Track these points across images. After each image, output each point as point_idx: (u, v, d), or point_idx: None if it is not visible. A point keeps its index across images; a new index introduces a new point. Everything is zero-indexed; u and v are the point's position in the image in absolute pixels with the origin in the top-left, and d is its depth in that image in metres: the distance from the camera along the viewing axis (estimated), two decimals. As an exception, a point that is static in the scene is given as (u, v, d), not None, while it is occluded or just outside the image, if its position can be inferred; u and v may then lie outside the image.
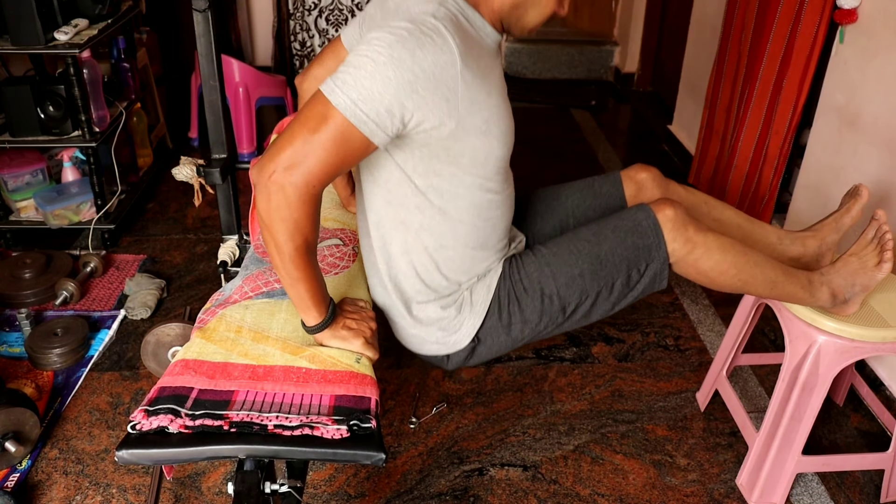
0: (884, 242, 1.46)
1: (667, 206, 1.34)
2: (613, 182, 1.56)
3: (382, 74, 1.04)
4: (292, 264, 1.11)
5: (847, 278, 1.47)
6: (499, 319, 1.36)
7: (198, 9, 1.70)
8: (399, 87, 1.04)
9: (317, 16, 4.04)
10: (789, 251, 1.60)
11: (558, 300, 1.35)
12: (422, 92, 1.06)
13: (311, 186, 1.05)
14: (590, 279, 1.34)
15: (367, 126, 1.05)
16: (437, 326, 1.35)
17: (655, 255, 1.34)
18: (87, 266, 2.38)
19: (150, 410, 1.08)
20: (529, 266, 1.36)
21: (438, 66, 1.07)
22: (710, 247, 1.35)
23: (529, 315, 1.36)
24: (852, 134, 2.09)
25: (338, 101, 1.04)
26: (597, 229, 1.37)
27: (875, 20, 1.98)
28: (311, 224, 1.09)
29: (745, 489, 1.70)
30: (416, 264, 1.30)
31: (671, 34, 3.93)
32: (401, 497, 1.67)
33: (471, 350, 1.38)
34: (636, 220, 1.35)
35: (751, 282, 1.41)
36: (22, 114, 2.37)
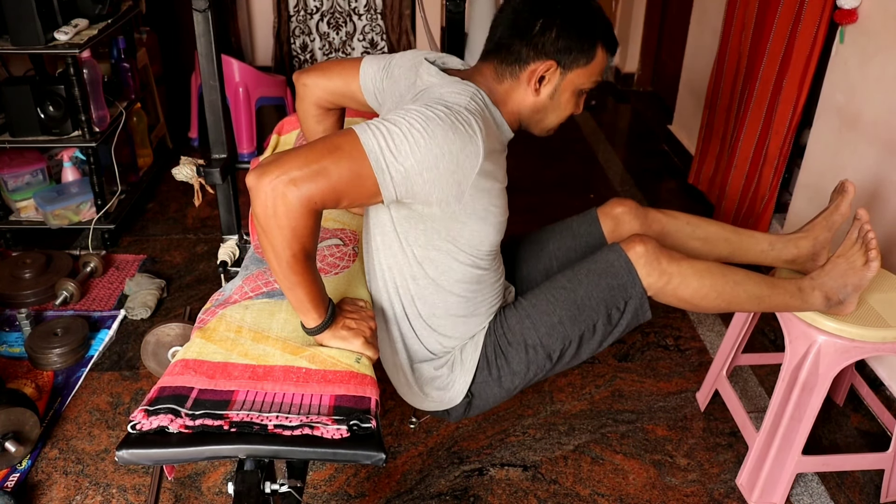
0: (867, 241, 1.46)
1: (636, 242, 1.36)
2: (590, 221, 1.59)
3: (414, 139, 1.07)
4: (290, 270, 1.11)
5: (838, 280, 1.47)
6: (489, 374, 1.39)
7: (198, 9, 1.70)
8: (425, 156, 1.07)
9: (318, 19, 4.04)
10: (783, 255, 1.61)
11: (542, 349, 1.38)
12: (441, 169, 1.10)
13: (313, 203, 1.05)
14: (570, 325, 1.37)
15: (383, 176, 1.07)
16: (431, 386, 1.40)
17: (632, 291, 1.36)
18: (87, 266, 2.38)
19: (151, 410, 1.08)
20: (511, 319, 1.40)
21: (464, 154, 1.11)
22: (685, 275, 1.37)
23: (517, 367, 1.39)
24: (852, 134, 2.09)
25: (367, 141, 1.06)
26: (571, 275, 1.40)
27: (875, 20, 1.98)
28: (310, 235, 1.09)
29: (745, 489, 1.70)
30: (415, 328, 1.36)
31: (671, 34, 3.93)
32: (401, 497, 1.67)
33: (467, 404, 1.42)
34: (608, 261, 1.37)
35: (734, 301, 1.43)
36: (22, 114, 2.38)
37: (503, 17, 1.25)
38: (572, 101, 1.29)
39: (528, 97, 1.26)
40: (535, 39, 1.21)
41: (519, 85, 1.25)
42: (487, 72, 1.27)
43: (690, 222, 1.60)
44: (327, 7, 4.02)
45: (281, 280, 1.13)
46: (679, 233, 1.59)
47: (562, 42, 1.21)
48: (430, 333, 1.36)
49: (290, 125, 1.93)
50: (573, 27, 1.21)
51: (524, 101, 1.27)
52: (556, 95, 1.27)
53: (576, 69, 1.25)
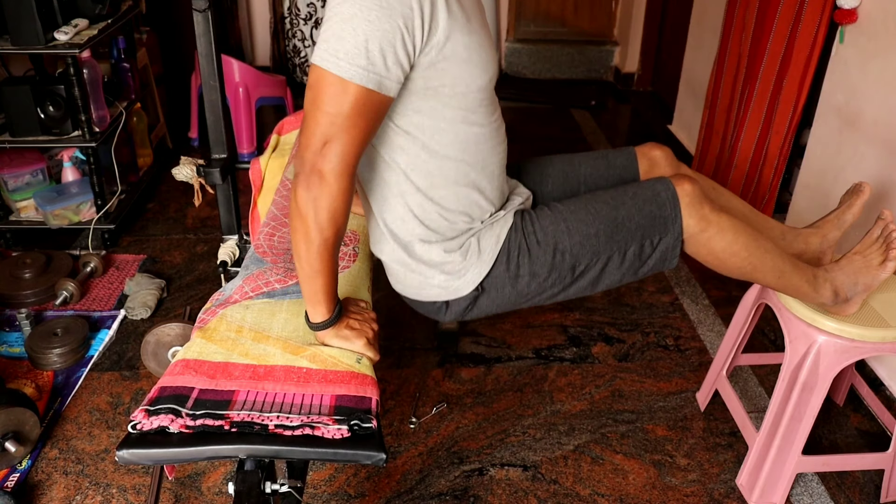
0: (890, 241, 1.46)
1: (686, 181, 1.34)
2: (628, 156, 1.55)
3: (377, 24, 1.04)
4: (318, 256, 1.12)
5: (850, 276, 1.47)
6: (506, 269, 1.34)
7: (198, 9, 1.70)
8: (392, 29, 1.05)
9: (312, 26, 4.01)
10: (792, 247, 1.60)
11: (570, 257, 1.34)
12: (410, 30, 1.07)
13: (348, 166, 1.07)
14: (604, 241, 1.33)
15: (384, 83, 1.07)
16: (439, 269, 1.32)
17: (671, 227, 1.34)
18: (87, 266, 2.38)
19: (151, 410, 1.08)
20: (545, 220, 1.35)
21: None
22: (723, 227, 1.35)
23: (539, 268, 1.34)
24: (852, 134, 2.09)
25: (344, 72, 1.05)
26: (615, 193, 1.36)
27: (875, 20, 1.98)
28: (345, 213, 1.11)
29: (745, 489, 1.70)
30: (413, 206, 1.27)
31: (671, 34, 3.93)
32: (401, 497, 1.67)
33: (473, 299, 1.36)
34: (655, 190, 1.35)
35: (759, 267, 1.41)
36: (22, 114, 2.37)
37: None
38: None
39: None
40: None
41: None
42: None
43: (716, 189, 1.59)
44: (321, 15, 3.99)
45: (304, 267, 1.14)
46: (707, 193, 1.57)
47: None
48: (432, 208, 1.27)
49: (290, 125, 1.93)
50: None
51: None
52: None
53: None
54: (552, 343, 2.19)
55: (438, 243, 1.31)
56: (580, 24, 4.55)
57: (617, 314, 2.34)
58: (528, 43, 4.48)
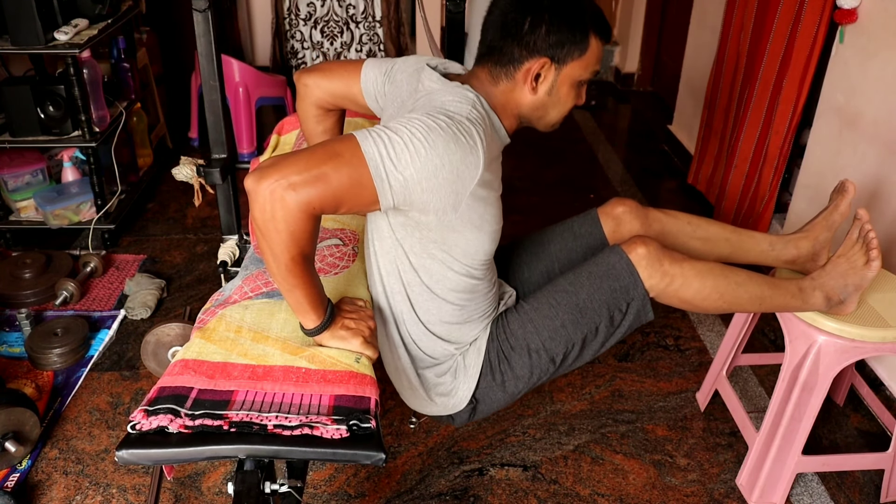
0: (868, 241, 1.46)
1: (638, 244, 1.36)
2: (591, 221, 1.58)
3: (415, 147, 1.06)
4: (288, 273, 1.11)
5: (838, 280, 1.48)
6: (492, 379, 1.39)
7: (198, 9, 1.70)
8: (425, 165, 1.07)
9: (311, 27, 4.01)
10: (783, 255, 1.61)
11: (545, 353, 1.38)
12: (441, 180, 1.09)
13: (312, 207, 1.05)
14: (572, 328, 1.37)
15: (382, 185, 1.07)
16: (435, 392, 1.40)
17: (634, 293, 1.36)
18: (87, 266, 2.38)
19: (150, 410, 1.08)
20: (513, 324, 1.40)
21: (464, 165, 1.10)
22: (687, 276, 1.36)
23: (520, 371, 1.39)
24: (852, 134, 2.09)
25: (368, 149, 1.05)
26: (573, 278, 1.39)
27: (875, 20, 1.98)
28: (309, 239, 1.09)
29: (745, 489, 1.70)
30: (415, 333, 1.35)
31: (671, 34, 3.93)
32: (401, 497, 1.67)
33: (471, 410, 1.42)
34: (609, 263, 1.37)
35: (736, 302, 1.43)
36: (22, 114, 2.37)
37: (492, 20, 1.24)
38: (572, 93, 1.29)
39: (526, 96, 1.26)
40: (526, 38, 1.20)
41: (515, 85, 1.25)
42: (483, 76, 1.26)
43: (691, 222, 1.60)
44: (321, 14, 3.99)
45: (279, 282, 1.13)
46: (680, 233, 1.59)
47: (553, 37, 1.20)
48: (429, 338, 1.36)
49: (290, 125, 1.93)
50: (562, 20, 1.20)
51: (523, 101, 1.26)
52: (555, 91, 1.26)
53: (571, 62, 1.24)
54: (552, 343, 2.19)
55: (431, 368, 1.39)
56: (580, 24, 4.54)
57: (617, 314, 2.34)
58: (528, 43, 4.47)
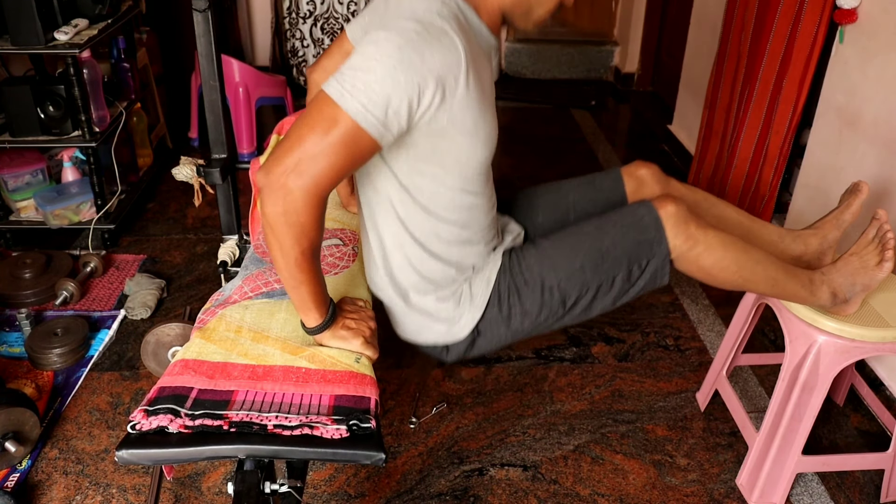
0: (885, 242, 1.46)
1: (669, 202, 1.34)
2: (614, 178, 1.56)
3: (393, 78, 1.03)
4: (297, 268, 1.11)
5: (848, 277, 1.47)
6: (499, 312, 1.36)
7: (198, 9, 1.70)
8: (408, 89, 1.05)
9: (311, 24, 4.01)
10: (791, 249, 1.60)
11: (559, 293, 1.35)
12: (428, 92, 1.07)
13: (320, 189, 1.05)
14: (591, 273, 1.34)
15: (376, 129, 1.05)
16: (434, 318, 1.35)
17: (657, 250, 1.34)
18: (87, 266, 2.38)
19: (150, 410, 1.08)
20: (530, 258, 1.36)
21: (445, 66, 1.07)
22: (711, 244, 1.35)
23: (529, 307, 1.36)
24: (852, 134, 2.09)
25: (348, 105, 1.03)
26: (599, 223, 1.37)
27: (875, 20, 1.98)
28: (316, 228, 1.09)
29: (745, 489, 1.70)
30: (410, 256, 1.30)
31: (671, 34, 3.93)
32: (401, 497, 1.67)
33: (470, 342, 1.38)
34: (638, 215, 1.35)
35: (752, 279, 1.41)
36: (22, 114, 2.37)
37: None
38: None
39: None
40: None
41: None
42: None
43: (708, 199, 1.59)
44: (321, 11, 3.99)
45: (286, 279, 1.13)
46: (696, 207, 1.56)
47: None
48: (428, 259, 1.30)
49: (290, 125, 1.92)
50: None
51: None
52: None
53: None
54: (552, 343, 2.19)
55: (432, 293, 1.34)
56: (580, 24, 4.55)
57: (617, 314, 2.34)
58: (528, 43, 4.48)
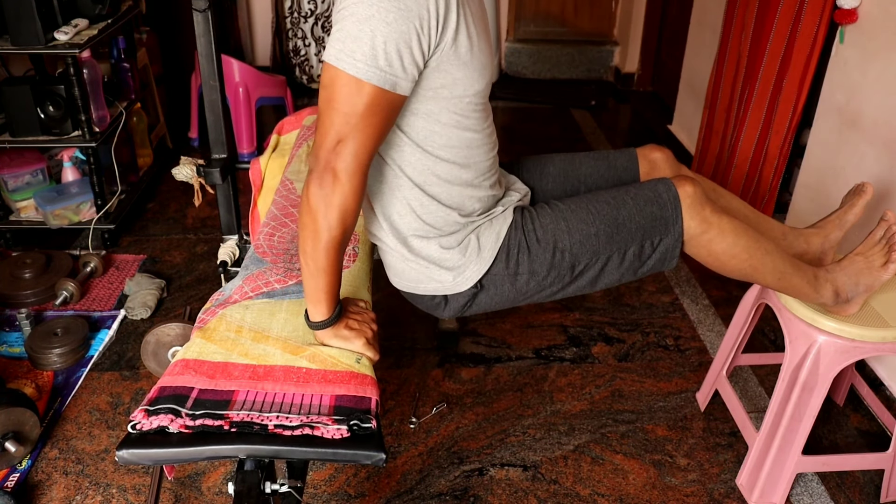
0: (892, 243, 1.46)
1: (688, 183, 1.35)
2: (629, 157, 1.55)
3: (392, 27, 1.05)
4: (324, 254, 1.13)
5: (852, 277, 1.47)
6: (506, 267, 1.34)
7: (198, 9, 1.70)
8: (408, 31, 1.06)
9: (313, 23, 4.01)
10: (793, 247, 1.60)
11: (570, 256, 1.34)
12: (425, 31, 1.08)
13: (362, 165, 1.09)
14: (604, 241, 1.34)
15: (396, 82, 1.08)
16: (437, 266, 1.32)
17: (671, 229, 1.34)
18: (87, 266, 2.38)
19: (151, 410, 1.08)
20: (545, 218, 1.35)
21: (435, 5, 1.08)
22: (724, 229, 1.35)
23: (538, 266, 1.34)
24: (852, 134, 2.09)
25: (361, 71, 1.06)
26: (616, 193, 1.37)
27: (875, 20, 1.98)
28: (354, 212, 1.12)
29: (745, 489, 1.70)
30: (409, 199, 1.28)
31: (671, 34, 3.93)
32: (401, 497, 1.67)
33: (472, 296, 1.36)
34: (657, 191, 1.35)
35: (760, 269, 1.41)
36: (22, 114, 2.37)
37: None
38: None
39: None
40: None
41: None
42: None
43: (716, 189, 1.59)
44: (322, 10, 3.99)
45: (308, 264, 1.14)
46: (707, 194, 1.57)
47: None
48: (428, 202, 1.27)
49: (290, 125, 1.93)
50: None
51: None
52: None
53: None
54: (552, 343, 2.19)
55: (435, 238, 1.31)
56: (580, 24, 4.55)
57: (617, 314, 2.34)
58: (528, 43, 4.48)
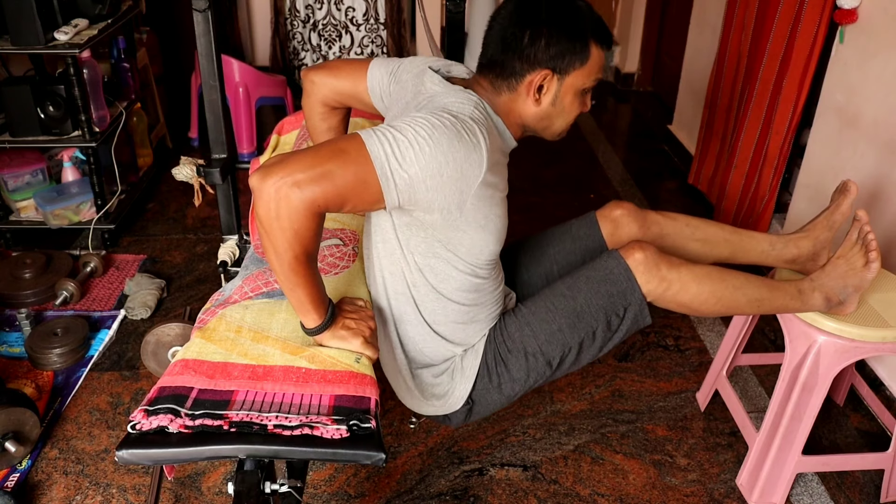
0: (867, 243, 1.47)
1: (636, 249, 1.36)
2: (590, 224, 1.58)
3: (420, 146, 1.07)
4: (291, 271, 1.11)
5: (838, 281, 1.48)
6: (489, 381, 1.39)
7: (198, 9, 1.70)
8: (429, 163, 1.08)
9: (310, 29, 4.01)
10: (784, 255, 1.61)
11: (542, 357, 1.38)
12: (445, 178, 1.10)
13: (317, 206, 1.05)
14: (569, 332, 1.37)
15: (387, 183, 1.07)
16: (431, 392, 1.40)
17: (631, 298, 1.36)
18: (87, 266, 2.38)
19: (150, 410, 1.08)
20: (511, 327, 1.40)
21: (468, 163, 1.11)
22: (684, 281, 1.37)
23: (517, 374, 1.39)
24: (852, 134, 2.09)
25: (373, 147, 1.06)
26: (571, 282, 1.40)
27: (875, 20, 1.98)
28: (312, 237, 1.09)
29: (745, 489, 1.70)
30: (418, 333, 1.35)
31: (671, 34, 3.93)
32: (401, 497, 1.67)
33: (468, 411, 1.42)
34: (607, 268, 1.37)
35: (734, 306, 1.43)
36: (22, 114, 2.37)
37: (492, 35, 1.25)
38: (576, 102, 1.28)
39: (529, 107, 1.26)
40: (527, 51, 1.20)
41: (518, 97, 1.25)
42: (486, 84, 1.27)
43: (690, 224, 1.60)
44: (320, 17, 3.99)
45: (282, 281, 1.13)
46: (678, 235, 1.58)
47: (553, 49, 1.20)
48: (433, 339, 1.35)
49: (290, 125, 1.93)
50: (562, 31, 1.20)
51: (526, 112, 1.26)
52: (558, 101, 1.26)
53: (573, 72, 1.23)
54: (552, 343, 2.19)
55: (428, 368, 1.39)
56: (580, 24, 4.54)
57: (617, 314, 2.34)
58: (528, 43, 4.47)
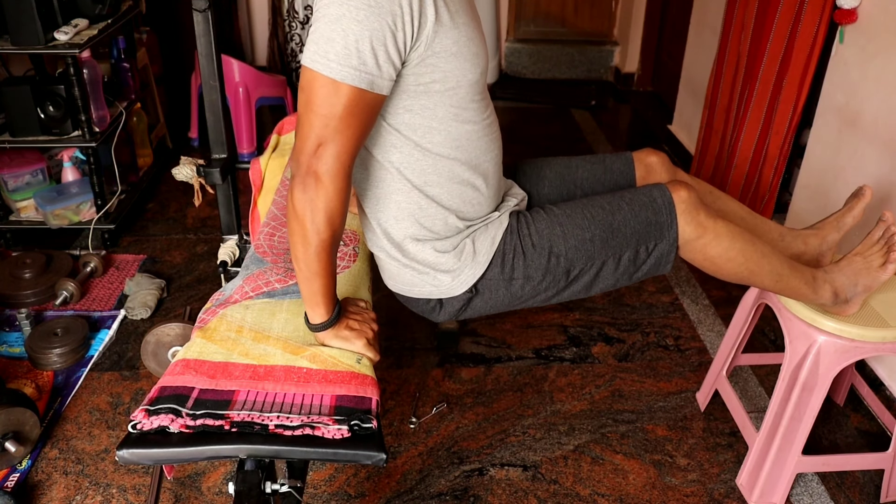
0: (891, 244, 1.46)
1: (682, 188, 1.35)
2: (625, 161, 1.55)
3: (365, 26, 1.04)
4: (316, 258, 1.12)
5: (850, 277, 1.47)
6: (501, 272, 1.33)
7: (198, 9, 1.70)
8: (383, 30, 1.05)
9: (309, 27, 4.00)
10: (790, 248, 1.60)
11: (565, 261, 1.33)
12: (399, 27, 1.07)
13: (343, 165, 1.08)
14: (599, 246, 1.33)
15: (373, 82, 1.07)
16: (432, 268, 1.31)
17: (666, 234, 1.34)
18: (87, 266, 2.38)
19: (151, 410, 1.08)
20: (540, 223, 1.35)
21: (411, 4, 1.07)
22: (719, 233, 1.35)
23: (533, 271, 1.34)
24: (852, 134, 2.09)
25: (335, 72, 1.05)
26: (612, 199, 1.36)
27: (875, 20, 1.98)
28: (341, 214, 1.12)
29: (745, 489, 1.70)
30: (407, 203, 1.26)
31: (671, 34, 3.93)
32: (401, 497, 1.67)
33: (467, 300, 1.36)
34: (652, 196, 1.35)
35: (756, 272, 1.41)
36: (22, 114, 2.37)
37: None
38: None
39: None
40: None
41: None
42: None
43: (713, 192, 1.59)
44: None
45: (302, 269, 1.14)
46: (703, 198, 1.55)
47: None
48: (427, 205, 1.26)
49: (290, 125, 1.93)
50: None
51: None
52: None
53: None
54: (552, 343, 2.19)
55: (430, 241, 1.30)
56: (580, 24, 4.55)
57: (617, 314, 2.34)
58: (528, 43, 4.48)
